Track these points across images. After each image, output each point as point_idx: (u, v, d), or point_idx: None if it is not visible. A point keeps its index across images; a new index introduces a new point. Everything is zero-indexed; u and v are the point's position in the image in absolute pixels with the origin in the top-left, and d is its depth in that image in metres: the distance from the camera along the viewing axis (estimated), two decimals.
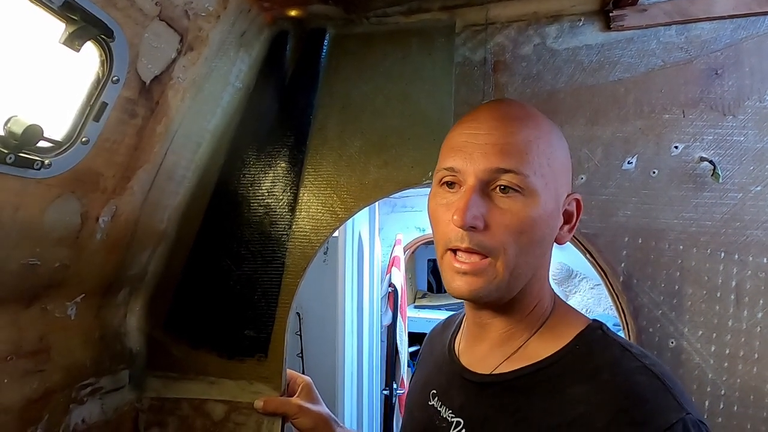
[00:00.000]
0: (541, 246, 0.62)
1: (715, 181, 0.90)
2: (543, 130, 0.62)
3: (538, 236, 0.60)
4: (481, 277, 0.59)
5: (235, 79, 1.09)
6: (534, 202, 0.58)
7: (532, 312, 0.65)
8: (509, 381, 0.62)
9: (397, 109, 1.08)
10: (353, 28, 1.12)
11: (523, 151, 0.59)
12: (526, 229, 0.58)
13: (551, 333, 0.63)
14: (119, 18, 0.75)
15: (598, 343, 0.60)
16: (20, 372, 0.84)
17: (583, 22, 0.99)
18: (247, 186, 1.13)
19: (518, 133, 0.59)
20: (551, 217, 0.61)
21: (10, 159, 0.67)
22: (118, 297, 1.08)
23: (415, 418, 0.75)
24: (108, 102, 0.80)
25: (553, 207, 0.61)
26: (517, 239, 0.58)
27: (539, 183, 0.59)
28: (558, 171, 0.62)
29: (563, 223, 0.64)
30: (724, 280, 0.90)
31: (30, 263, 0.81)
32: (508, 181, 0.58)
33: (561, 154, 0.63)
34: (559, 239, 0.64)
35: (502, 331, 0.66)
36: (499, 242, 0.58)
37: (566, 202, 0.64)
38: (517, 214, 0.58)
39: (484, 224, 0.58)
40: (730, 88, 0.91)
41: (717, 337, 0.90)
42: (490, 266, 0.59)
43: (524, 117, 0.62)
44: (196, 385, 1.12)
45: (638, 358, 0.57)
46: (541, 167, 0.59)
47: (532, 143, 0.59)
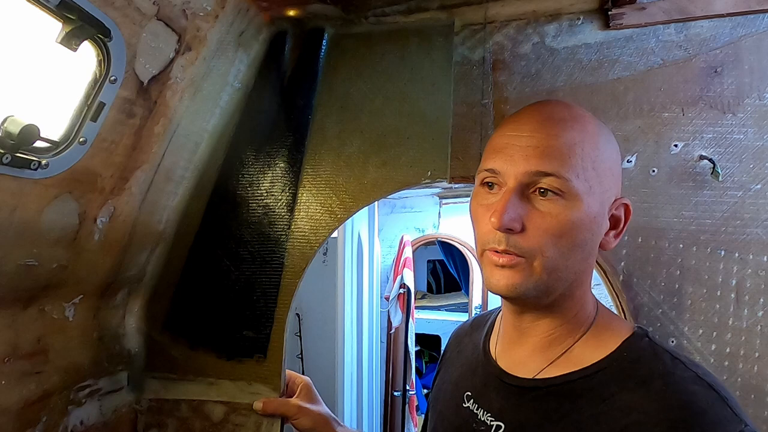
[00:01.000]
0: (583, 250, 0.61)
1: (714, 179, 0.90)
2: (589, 132, 0.60)
3: (579, 240, 0.59)
4: (520, 272, 0.60)
5: (233, 79, 1.09)
6: (575, 205, 0.58)
7: (576, 317, 0.64)
8: (555, 386, 0.61)
9: (396, 109, 1.08)
10: (352, 28, 1.12)
11: (566, 154, 0.58)
12: (565, 233, 0.58)
13: (596, 339, 0.63)
14: (117, 17, 0.75)
15: (646, 350, 0.59)
16: (18, 374, 0.84)
17: (582, 20, 0.99)
18: (246, 186, 1.13)
19: (561, 136, 0.59)
20: (594, 222, 0.60)
21: (6, 159, 0.67)
22: (117, 298, 1.07)
23: (449, 419, 0.74)
24: (106, 102, 0.80)
25: (597, 211, 0.60)
26: (556, 242, 0.58)
27: (582, 187, 0.58)
28: (604, 174, 0.60)
29: (609, 228, 0.63)
30: (725, 278, 0.90)
31: (27, 264, 0.80)
32: (548, 184, 0.58)
33: (608, 156, 0.62)
34: (604, 244, 0.63)
35: (544, 336, 0.65)
36: (536, 244, 0.58)
37: (613, 207, 0.63)
38: (557, 217, 0.58)
39: (521, 226, 0.58)
40: (730, 86, 0.91)
41: (717, 336, 0.90)
42: (528, 264, 0.59)
43: (569, 119, 0.61)
44: (195, 386, 1.12)
45: (689, 367, 0.56)
46: (585, 171, 0.58)
47: (575, 146, 0.58)
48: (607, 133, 0.64)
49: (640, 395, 0.54)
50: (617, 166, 0.64)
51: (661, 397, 0.53)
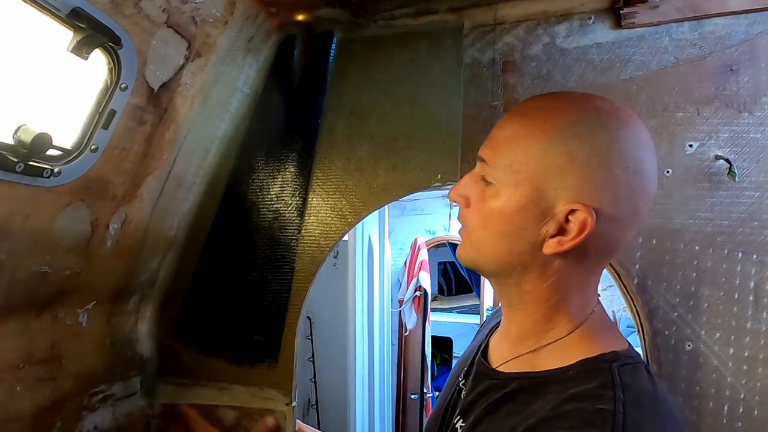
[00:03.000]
0: (508, 240, 0.61)
1: (731, 179, 0.88)
2: (546, 127, 0.57)
3: (502, 229, 0.61)
4: (463, 246, 0.67)
5: (243, 85, 1.09)
6: (499, 194, 0.60)
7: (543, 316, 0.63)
8: (499, 381, 0.64)
9: (406, 112, 1.07)
10: (361, 32, 1.11)
11: (502, 144, 0.61)
12: (488, 218, 0.62)
13: (563, 350, 0.61)
14: (127, 25, 0.75)
15: (591, 374, 0.56)
16: (32, 380, 0.84)
17: (593, 20, 0.98)
18: (256, 191, 1.13)
19: (510, 127, 0.61)
20: (519, 216, 0.58)
21: (19, 168, 0.68)
22: (129, 304, 1.08)
23: (446, 389, 0.79)
24: (116, 109, 0.80)
25: (522, 207, 0.58)
26: (483, 224, 0.62)
27: (508, 179, 0.59)
28: (548, 174, 0.56)
29: (558, 234, 0.57)
30: (742, 280, 0.88)
31: (41, 271, 0.81)
32: (482, 168, 0.63)
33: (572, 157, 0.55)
34: (545, 247, 0.58)
35: (516, 327, 0.67)
36: (471, 222, 0.64)
37: (563, 213, 0.56)
38: (484, 201, 0.62)
39: (466, 202, 0.65)
40: (746, 85, 0.89)
41: (735, 340, 0.88)
42: (467, 239, 0.66)
43: (531, 112, 0.60)
44: (207, 391, 1.12)
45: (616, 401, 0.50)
46: (515, 164, 0.58)
47: (515, 138, 0.59)
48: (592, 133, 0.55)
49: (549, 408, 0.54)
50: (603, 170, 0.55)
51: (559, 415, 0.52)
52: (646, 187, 0.57)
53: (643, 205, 0.58)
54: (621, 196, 0.56)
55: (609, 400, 0.51)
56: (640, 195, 0.57)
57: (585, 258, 0.60)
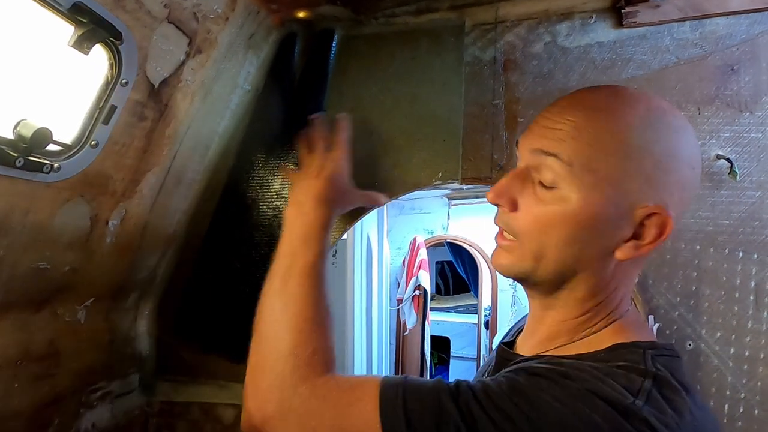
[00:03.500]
0: (576, 248, 0.56)
1: (732, 179, 0.88)
2: (626, 124, 0.53)
3: (572, 236, 0.55)
4: (510, 254, 0.60)
5: (243, 82, 1.09)
6: (572, 198, 0.53)
7: (586, 318, 0.60)
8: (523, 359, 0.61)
9: (407, 110, 1.07)
10: (362, 29, 1.11)
11: (575, 138, 0.53)
12: (555, 225, 0.55)
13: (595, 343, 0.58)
14: (128, 20, 0.75)
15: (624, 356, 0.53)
16: (30, 376, 0.84)
17: (594, 19, 0.98)
18: (256, 188, 1.13)
19: (581, 120, 0.54)
20: (597, 221, 0.54)
21: (19, 162, 0.67)
22: (128, 301, 1.07)
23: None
24: (117, 105, 0.80)
25: (605, 212, 0.54)
26: (545, 232, 0.56)
27: (586, 179, 0.53)
28: (631, 175, 0.53)
29: (632, 237, 0.55)
30: (743, 280, 0.88)
31: (40, 267, 0.81)
32: (549, 166, 0.54)
33: (645, 156, 0.53)
34: (618, 253, 0.56)
35: (550, 327, 0.63)
36: (523, 227, 0.57)
37: (641, 215, 0.54)
38: (547, 206, 0.55)
39: (513, 206, 0.58)
40: (747, 84, 0.89)
41: (736, 339, 0.88)
42: (517, 246, 0.59)
43: (606, 106, 0.55)
44: (206, 388, 1.12)
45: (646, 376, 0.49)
46: (594, 162, 0.53)
47: (592, 135, 0.53)
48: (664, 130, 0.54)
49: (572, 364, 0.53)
50: (666, 171, 0.54)
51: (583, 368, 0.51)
52: (696, 178, 0.58)
53: (694, 192, 0.60)
54: (685, 196, 0.56)
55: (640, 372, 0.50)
56: (693, 186, 0.58)
57: (644, 260, 0.59)
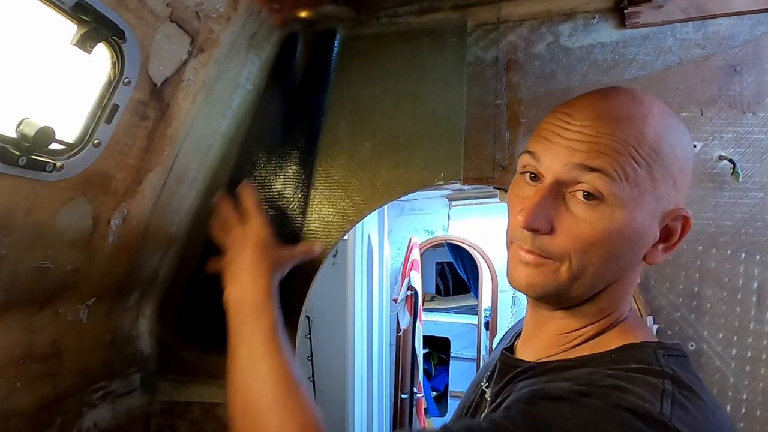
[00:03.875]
0: (618, 262, 0.55)
1: (734, 180, 0.88)
2: (651, 133, 0.53)
3: (615, 252, 0.53)
4: (543, 272, 0.55)
5: (245, 81, 1.09)
6: (616, 214, 0.52)
7: (595, 324, 0.60)
8: (532, 367, 0.60)
9: (408, 110, 1.07)
10: (363, 29, 1.11)
11: (617, 152, 0.51)
12: (598, 243, 0.52)
13: (601, 345, 0.58)
14: (131, 19, 0.75)
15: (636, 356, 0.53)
16: (32, 376, 0.84)
17: (597, 19, 0.98)
18: (258, 188, 1.12)
19: (617, 132, 0.52)
20: (639, 233, 0.53)
21: (22, 161, 0.67)
22: (130, 300, 1.07)
23: (467, 396, 0.76)
24: (119, 104, 0.80)
25: (644, 222, 0.53)
26: (587, 250, 0.53)
27: (629, 192, 0.51)
28: (662, 181, 0.53)
29: (660, 240, 0.56)
30: (745, 281, 0.88)
31: (42, 266, 0.80)
32: (591, 183, 0.51)
33: (672, 161, 0.54)
34: (649, 258, 0.56)
35: (555, 333, 0.62)
36: (563, 249, 0.54)
37: (669, 217, 0.55)
38: (592, 224, 0.52)
39: (550, 228, 0.54)
40: (750, 85, 0.89)
41: (738, 340, 0.88)
42: (553, 266, 0.55)
43: (630, 115, 0.54)
44: (207, 388, 1.11)
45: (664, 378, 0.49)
46: (638, 175, 0.51)
47: (630, 146, 0.51)
48: (677, 133, 0.55)
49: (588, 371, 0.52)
50: (683, 174, 0.55)
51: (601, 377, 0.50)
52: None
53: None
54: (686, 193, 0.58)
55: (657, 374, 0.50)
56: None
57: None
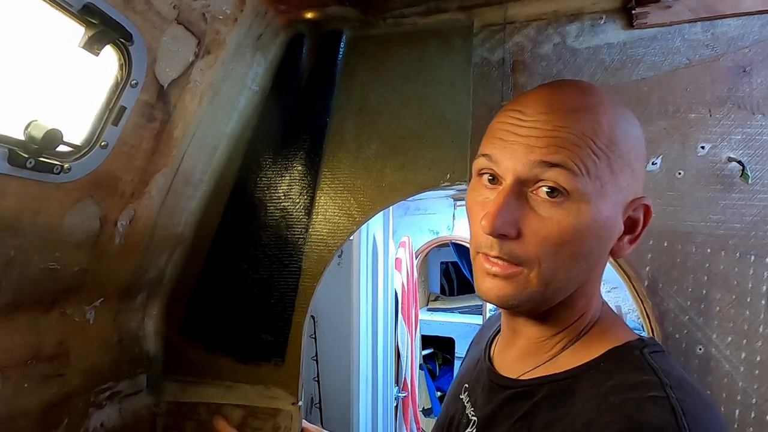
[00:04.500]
0: (588, 259, 0.54)
1: (744, 182, 0.87)
2: (605, 122, 0.52)
3: (584, 249, 0.53)
4: (512, 283, 0.54)
5: (251, 83, 1.09)
6: (582, 209, 0.51)
7: (573, 325, 0.59)
8: (525, 387, 0.58)
9: (414, 111, 1.07)
10: (370, 30, 1.11)
11: (576, 145, 0.50)
12: (568, 241, 0.51)
13: (585, 349, 0.57)
14: (138, 21, 0.75)
15: (627, 362, 0.53)
16: (40, 376, 0.84)
17: (604, 20, 0.97)
18: (264, 189, 1.13)
19: (573, 125, 0.51)
20: (605, 227, 0.53)
21: (30, 164, 0.67)
22: (136, 301, 1.08)
23: (447, 408, 0.74)
24: (127, 106, 0.80)
25: (609, 215, 0.53)
26: (557, 251, 0.52)
27: (592, 186, 0.51)
28: (621, 172, 0.53)
29: (624, 233, 0.56)
30: (755, 284, 0.87)
31: (50, 268, 0.81)
32: (553, 179, 0.51)
33: (627, 151, 0.53)
34: (616, 251, 0.56)
35: (535, 339, 0.61)
36: (533, 253, 0.52)
37: (630, 208, 0.55)
38: (559, 223, 0.51)
39: (517, 232, 0.52)
40: (759, 86, 0.88)
41: (747, 344, 0.87)
42: (522, 275, 0.53)
43: (582, 106, 0.53)
44: (214, 389, 1.12)
45: (665, 388, 0.48)
46: (598, 167, 0.51)
47: (586, 138, 0.51)
48: (628, 121, 0.55)
49: (592, 405, 0.49)
50: (639, 161, 0.55)
51: (611, 410, 0.47)
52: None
53: None
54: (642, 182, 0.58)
55: (657, 385, 0.48)
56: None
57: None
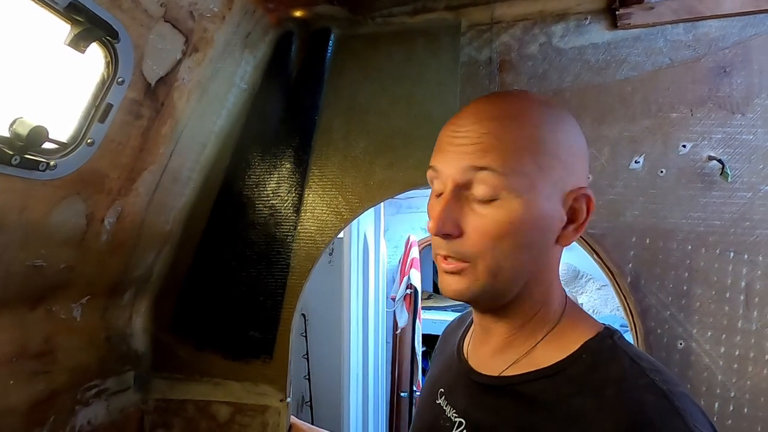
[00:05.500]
0: (530, 250, 0.58)
1: (723, 180, 0.89)
2: (532, 124, 0.57)
3: (524, 241, 0.57)
4: (464, 278, 0.58)
5: (240, 80, 1.09)
6: (515, 204, 0.55)
7: (536, 317, 0.62)
8: (513, 385, 0.60)
9: (403, 110, 1.08)
10: (358, 29, 1.11)
11: (499, 147, 0.55)
12: (505, 235, 0.56)
13: (558, 340, 0.60)
14: (124, 19, 0.75)
15: (605, 353, 0.57)
16: (26, 373, 0.84)
17: (589, 20, 0.98)
18: (252, 187, 1.13)
19: (497, 129, 0.56)
20: (540, 219, 0.57)
21: (15, 160, 0.67)
22: (124, 298, 1.08)
23: (422, 416, 0.74)
24: (113, 103, 0.80)
25: (545, 207, 0.57)
26: (497, 245, 0.56)
27: (520, 182, 0.55)
28: (551, 167, 0.56)
29: (568, 222, 0.59)
30: (734, 280, 0.89)
31: (35, 265, 0.81)
32: (483, 181, 0.56)
33: (555, 146, 0.57)
34: (562, 240, 0.59)
35: (504, 336, 0.64)
36: (476, 249, 0.57)
37: (570, 198, 0.58)
38: (494, 219, 0.56)
39: (459, 231, 0.57)
40: (739, 86, 0.90)
41: (726, 339, 0.89)
42: (470, 269, 0.58)
43: (509, 113, 0.58)
44: (202, 386, 1.12)
45: (648, 373, 0.52)
46: (524, 165, 0.55)
47: (510, 140, 0.55)
48: (558, 120, 0.59)
49: (590, 402, 0.52)
50: (575, 156, 0.59)
51: (610, 405, 0.51)
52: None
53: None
54: (586, 167, 0.61)
55: (641, 373, 0.53)
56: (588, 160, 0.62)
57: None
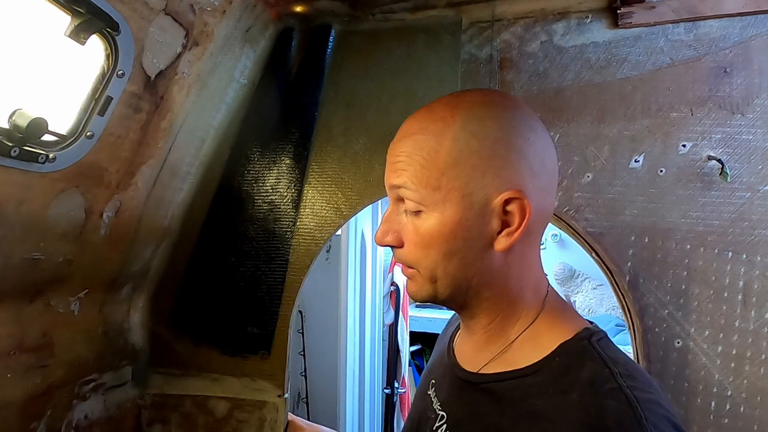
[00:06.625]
0: (462, 256, 0.59)
1: (723, 180, 0.89)
2: (448, 137, 0.57)
3: (450, 248, 0.58)
4: (414, 282, 0.64)
5: (239, 75, 1.09)
6: (432, 217, 0.58)
7: (501, 317, 0.63)
8: (488, 383, 0.61)
9: (403, 107, 1.07)
10: (359, 25, 1.11)
11: (411, 165, 0.58)
12: (429, 244, 0.59)
13: (534, 340, 0.60)
14: (125, 11, 0.75)
15: (578, 356, 0.56)
16: (23, 367, 0.84)
17: (590, 19, 0.98)
18: (252, 182, 1.13)
19: (410, 147, 0.59)
20: (461, 227, 0.58)
21: (14, 152, 0.67)
22: (122, 293, 1.07)
23: (416, 404, 0.76)
24: (113, 96, 0.80)
25: (462, 216, 0.57)
26: (427, 254, 0.60)
27: (433, 196, 0.57)
28: (465, 174, 0.57)
29: (503, 227, 0.58)
30: (732, 280, 0.89)
31: (33, 258, 0.80)
32: (405, 196, 0.59)
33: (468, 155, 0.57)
34: (497, 246, 0.58)
35: (480, 333, 0.65)
36: (413, 257, 0.61)
37: (499, 205, 0.57)
38: (418, 230, 0.59)
39: (400, 242, 0.62)
40: (739, 87, 0.90)
41: (724, 338, 0.89)
42: (417, 275, 0.62)
43: (421, 128, 0.59)
44: (199, 381, 1.12)
45: (617, 377, 0.52)
46: (436, 180, 0.57)
47: (425, 157, 0.57)
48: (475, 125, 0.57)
49: (555, 404, 0.53)
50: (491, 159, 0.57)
51: (572, 408, 0.51)
52: (548, 147, 0.60)
53: (554, 163, 0.61)
54: (536, 166, 0.58)
55: (609, 378, 0.52)
56: (548, 156, 0.60)
57: (529, 236, 0.61)
